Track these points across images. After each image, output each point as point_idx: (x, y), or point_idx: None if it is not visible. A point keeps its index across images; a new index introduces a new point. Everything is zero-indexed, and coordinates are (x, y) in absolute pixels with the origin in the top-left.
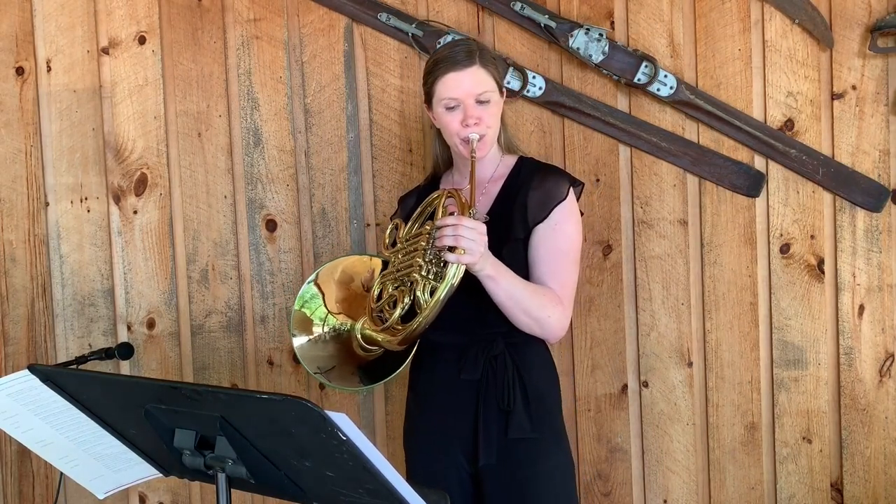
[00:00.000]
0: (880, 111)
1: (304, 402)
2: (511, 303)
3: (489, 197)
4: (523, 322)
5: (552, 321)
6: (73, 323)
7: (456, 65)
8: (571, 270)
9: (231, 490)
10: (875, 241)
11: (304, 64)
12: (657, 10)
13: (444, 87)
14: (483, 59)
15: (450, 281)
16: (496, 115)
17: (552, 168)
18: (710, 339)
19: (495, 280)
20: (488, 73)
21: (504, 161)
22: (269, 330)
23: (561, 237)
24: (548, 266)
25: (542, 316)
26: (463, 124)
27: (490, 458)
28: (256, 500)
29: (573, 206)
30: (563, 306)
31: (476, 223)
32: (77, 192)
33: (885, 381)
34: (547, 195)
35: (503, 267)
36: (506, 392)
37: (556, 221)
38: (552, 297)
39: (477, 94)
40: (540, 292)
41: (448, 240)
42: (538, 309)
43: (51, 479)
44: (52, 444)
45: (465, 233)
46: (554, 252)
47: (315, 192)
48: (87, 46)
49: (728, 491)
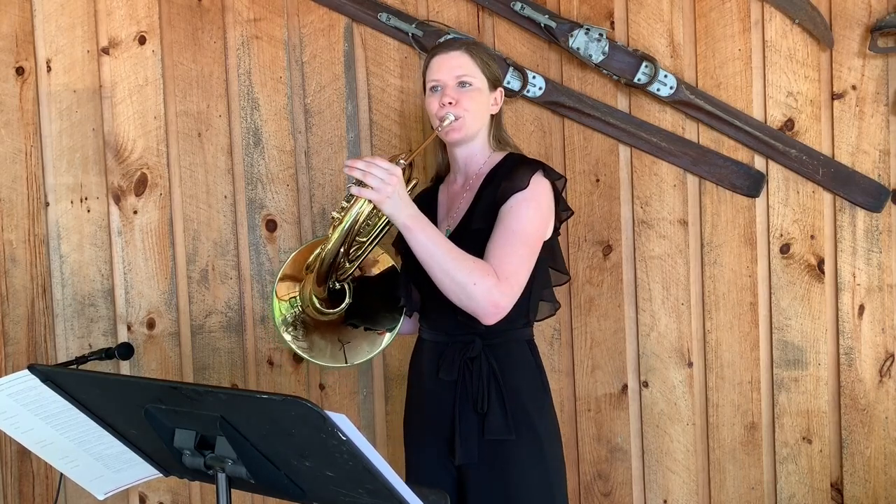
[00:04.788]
0: (880, 111)
1: (304, 402)
2: (430, 260)
3: (472, 192)
4: (447, 287)
5: (477, 290)
6: (73, 323)
7: (442, 49)
8: (518, 250)
9: (231, 490)
10: (875, 241)
11: (304, 64)
12: (657, 10)
13: (430, 71)
14: (471, 49)
15: (352, 215)
16: (477, 101)
17: (527, 161)
18: (710, 339)
19: (411, 230)
20: (473, 61)
21: (491, 157)
22: (269, 330)
23: (512, 218)
24: (493, 241)
25: (466, 282)
26: (440, 104)
27: (469, 458)
28: (256, 500)
29: (535, 194)
30: (495, 279)
31: (391, 166)
32: (77, 192)
33: (885, 381)
34: (511, 184)
35: (424, 221)
36: (480, 394)
37: (513, 205)
38: (482, 266)
39: (457, 76)
40: (468, 260)
41: (357, 172)
42: (461, 271)
43: (51, 479)
44: (52, 444)
45: (375, 171)
46: (502, 229)
47: (315, 192)
48: (87, 46)
49: (728, 491)
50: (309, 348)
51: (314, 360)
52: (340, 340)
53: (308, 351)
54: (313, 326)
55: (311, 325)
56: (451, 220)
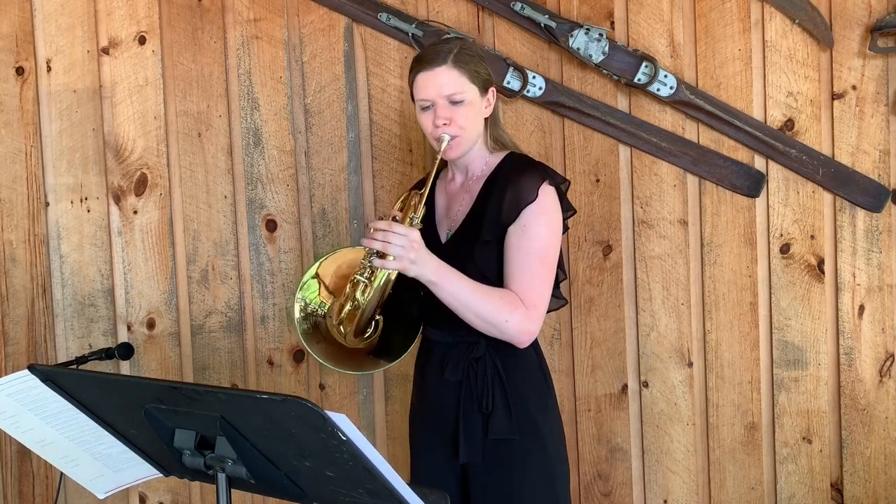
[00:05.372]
0: (880, 111)
1: (304, 402)
2: (460, 307)
3: (472, 195)
4: (481, 326)
5: (510, 326)
6: (73, 323)
7: (426, 65)
8: (540, 272)
9: (231, 490)
10: (875, 241)
11: (304, 64)
12: (657, 10)
13: (417, 88)
14: (458, 59)
15: (378, 284)
16: (471, 116)
17: (530, 165)
18: (710, 339)
19: (438, 286)
20: (462, 74)
21: (491, 159)
22: (269, 330)
23: (528, 239)
24: (514, 267)
25: (498, 320)
26: (434, 124)
27: (473, 457)
28: (256, 500)
29: (545, 207)
30: (523, 309)
31: (408, 230)
32: (77, 192)
33: (885, 381)
34: (518, 195)
35: (448, 271)
36: (485, 394)
37: (526, 223)
38: (510, 300)
39: (447, 95)
40: (495, 296)
41: (377, 244)
42: (491, 313)
43: (51, 479)
44: (52, 444)
45: (393, 239)
46: (521, 253)
47: (315, 192)
48: (87, 46)
49: (728, 491)
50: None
51: (313, 354)
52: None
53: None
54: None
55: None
56: (450, 221)
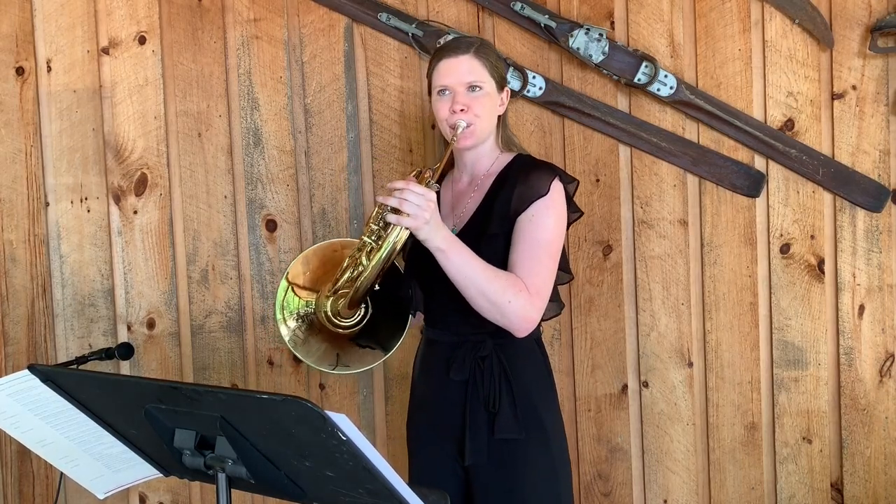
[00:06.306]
0: (880, 111)
1: (304, 402)
2: (465, 281)
3: (481, 192)
4: (482, 306)
5: (513, 307)
6: (73, 323)
7: (450, 52)
8: (545, 262)
9: (231, 490)
10: (875, 241)
11: (304, 64)
12: (657, 10)
13: (438, 75)
14: (480, 51)
15: (390, 243)
16: (488, 106)
17: (540, 164)
18: (710, 340)
19: (445, 254)
20: (482, 65)
21: (500, 158)
22: (269, 330)
23: (536, 228)
24: (520, 254)
25: (502, 301)
26: (451, 110)
27: (478, 458)
28: (256, 500)
29: (555, 202)
30: (527, 294)
31: (426, 190)
32: (77, 192)
33: (886, 381)
34: (529, 189)
35: (458, 243)
36: (492, 393)
37: (535, 213)
38: (515, 282)
39: (467, 82)
40: (501, 276)
41: (393, 201)
42: (496, 292)
43: (51, 479)
44: (52, 444)
45: (410, 196)
46: (528, 240)
47: (315, 192)
48: (87, 46)
49: (728, 491)
50: (303, 344)
51: (304, 359)
52: (336, 350)
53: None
54: (318, 329)
55: (316, 328)
56: (456, 219)
